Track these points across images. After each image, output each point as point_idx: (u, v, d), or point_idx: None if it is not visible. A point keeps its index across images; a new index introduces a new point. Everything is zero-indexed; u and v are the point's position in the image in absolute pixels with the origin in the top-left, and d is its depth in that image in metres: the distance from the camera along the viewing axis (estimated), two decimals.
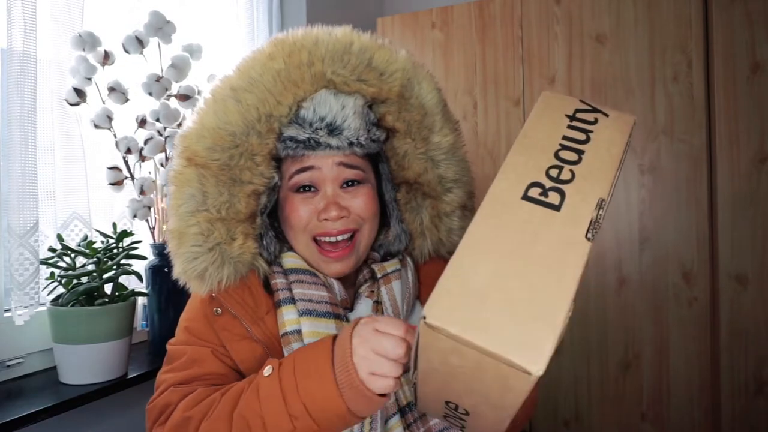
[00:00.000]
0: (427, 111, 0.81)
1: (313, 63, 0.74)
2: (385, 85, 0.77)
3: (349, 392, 0.60)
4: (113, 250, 1.19)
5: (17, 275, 1.05)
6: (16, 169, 1.06)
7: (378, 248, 0.88)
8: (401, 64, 0.78)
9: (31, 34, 1.08)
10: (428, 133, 0.81)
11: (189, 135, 0.75)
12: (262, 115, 0.73)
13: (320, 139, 0.76)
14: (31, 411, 0.99)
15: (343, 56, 0.75)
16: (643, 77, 1.66)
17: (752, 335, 1.55)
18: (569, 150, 0.58)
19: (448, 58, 1.90)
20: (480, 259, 0.51)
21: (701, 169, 1.61)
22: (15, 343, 1.15)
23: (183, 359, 0.76)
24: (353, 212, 0.78)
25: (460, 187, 0.84)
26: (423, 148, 0.81)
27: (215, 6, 1.66)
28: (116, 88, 1.26)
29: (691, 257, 1.61)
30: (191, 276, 0.75)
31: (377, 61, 0.76)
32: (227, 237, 0.75)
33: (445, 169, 0.82)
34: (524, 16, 1.80)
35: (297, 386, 0.62)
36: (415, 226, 0.86)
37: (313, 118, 0.75)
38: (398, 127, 0.80)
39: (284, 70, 0.73)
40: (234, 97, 0.73)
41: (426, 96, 0.81)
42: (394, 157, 0.83)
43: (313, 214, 0.78)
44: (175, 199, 0.75)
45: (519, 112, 1.81)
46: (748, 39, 1.54)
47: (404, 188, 0.86)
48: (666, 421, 1.64)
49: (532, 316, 0.47)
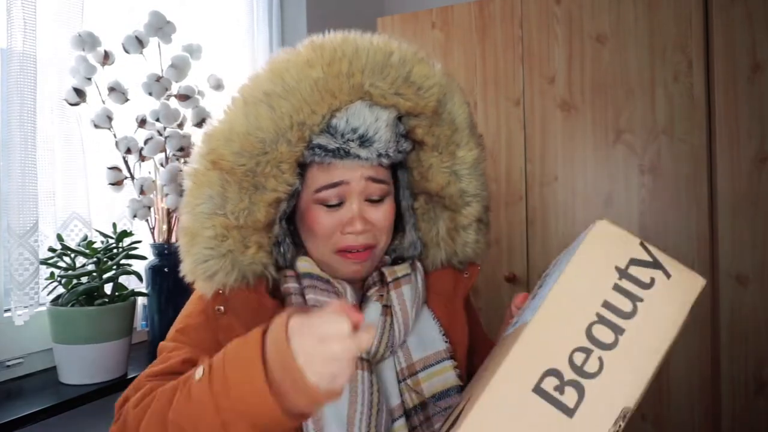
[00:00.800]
0: (458, 127, 0.80)
1: (353, 74, 0.72)
2: (422, 101, 0.76)
3: (291, 394, 0.52)
4: (113, 250, 1.18)
5: (17, 275, 1.05)
6: (16, 169, 1.06)
7: (390, 252, 0.87)
8: (438, 79, 0.77)
9: (31, 34, 1.08)
10: (455, 148, 0.81)
11: (216, 136, 0.72)
12: (295, 124, 0.71)
13: (350, 150, 0.74)
14: (31, 411, 0.99)
15: (383, 69, 0.73)
16: (643, 77, 1.66)
17: (752, 335, 1.55)
18: (607, 325, 0.48)
19: (448, 58, 1.90)
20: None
21: (701, 169, 1.60)
22: (15, 343, 1.14)
23: (157, 360, 0.74)
24: (375, 226, 0.78)
25: (478, 202, 0.84)
26: (448, 162, 0.81)
27: (215, 6, 1.66)
28: (116, 88, 1.26)
29: (691, 257, 1.61)
30: (199, 276, 0.74)
31: (416, 75, 0.75)
32: (241, 245, 0.73)
33: (467, 183, 0.82)
34: (524, 16, 1.80)
35: (228, 391, 0.54)
36: (431, 236, 0.86)
37: (346, 128, 0.74)
38: (427, 141, 0.80)
39: (322, 80, 0.71)
40: (267, 102, 0.71)
41: (457, 111, 0.80)
42: (418, 168, 0.83)
43: (338, 226, 0.77)
44: (192, 197, 0.73)
45: (519, 112, 1.81)
46: (748, 39, 1.54)
47: (423, 198, 0.86)
48: (666, 421, 1.64)
49: None
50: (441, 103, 0.78)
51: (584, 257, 0.51)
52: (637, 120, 1.67)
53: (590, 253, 0.51)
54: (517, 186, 1.82)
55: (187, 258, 0.74)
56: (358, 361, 0.73)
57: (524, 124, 1.81)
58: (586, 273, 0.50)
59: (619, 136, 1.69)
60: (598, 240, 0.52)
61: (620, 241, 0.53)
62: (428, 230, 0.86)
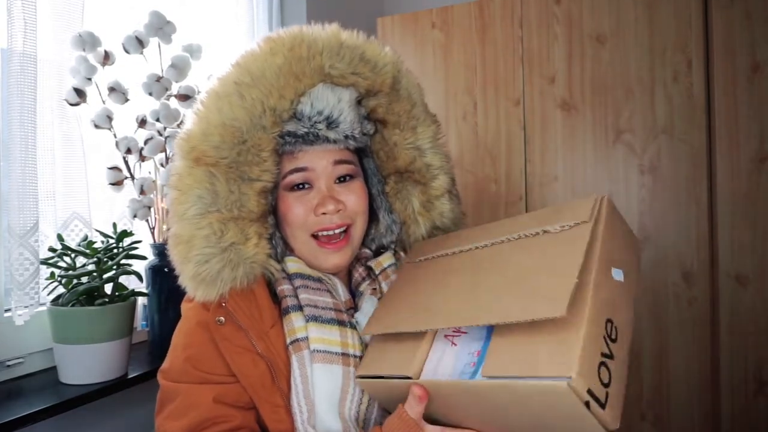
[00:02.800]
0: (415, 102, 0.85)
1: (313, 57, 0.75)
2: (379, 78, 0.80)
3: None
4: (113, 250, 1.18)
5: (17, 275, 1.05)
6: (16, 169, 1.06)
7: (370, 242, 0.90)
8: (390, 57, 0.82)
9: (31, 34, 1.08)
10: (416, 123, 0.85)
11: (193, 135, 0.74)
12: (267, 109, 0.74)
13: (319, 133, 0.77)
14: (31, 411, 0.99)
15: (339, 50, 0.77)
16: (643, 77, 1.66)
17: (752, 335, 1.55)
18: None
19: (448, 58, 1.90)
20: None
21: (701, 169, 1.61)
22: (15, 343, 1.14)
23: (177, 403, 0.73)
24: (348, 207, 0.80)
25: (445, 174, 0.88)
26: (411, 138, 0.85)
27: (215, 6, 1.66)
28: (116, 88, 1.26)
29: (691, 257, 1.61)
30: (205, 279, 0.72)
31: (369, 54, 0.79)
32: (241, 237, 0.74)
33: (431, 157, 0.86)
34: (524, 16, 1.80)
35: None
36: (408, 213, 0.89)
37: (311, 112, 0.77)
38: (388, 119, 0.84)
39: (286, 64, 0.74)
40: (237, 92, 0.74)
41: (412, 88, 0.85)
42: (383, 148, 0.86)
43: (310, 210, 0.79)
44: (179, 204, 0.73)
45: (519, 112, 1.81)
46: (748, 39, 1.54)
47: (393, 179, 0.89)
48: (666, 421, 1.64)
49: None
50: (396, 80, 0.82)
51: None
52: (637, 120, 1.67)
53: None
54: (517, 186, 1.82)
55: (186, 266, 0.73)
56: (350, 358, 0.74)
57: (524, 124, 1.81)
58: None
59: (618, 136, 1.69)
60: None
61: None
62: (404, 209, 0.89)
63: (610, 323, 0.56)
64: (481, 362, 0.58)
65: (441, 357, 0.64)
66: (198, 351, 0.75)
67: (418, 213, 0.88)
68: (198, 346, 0.75)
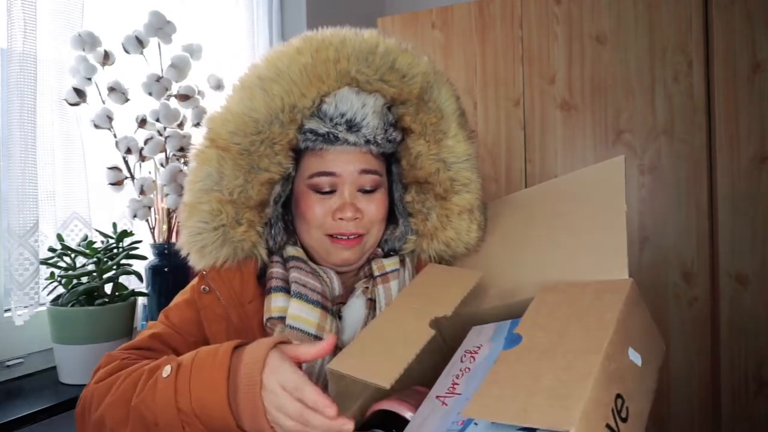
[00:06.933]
0: (444, 115, 0.83)
1: (339, 60, 0.77)
2: (406, 87, 0.80)
3: (246, 414, 0.59)
4: (113, 250, 1.18)
5: (17, 275, 1.05)
6: (16, 169, 1.06)
7: (383, 244, 0.90)
8: (423, 68, 0.81)
9: (31, 34, 1.08)
10: (442, 137, 0.83)
11: (215, 118, 0.78)
12: (286, 105, 0.76)
13: (339, 134, 0.78)
14: (31, 411, 0.99)
15: (368, 56, 0.78)
16: (643, 77, 1.66)
17: (752, 335, 1.55)
18: None
19: (448, 58, 1.90)
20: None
21: (701, 169, 1.61)
22: (15, 343, 1.14)
23: (143, 330, 0.81)
24: (366, 216, 0.81)
25: (469, 192, 0.85)
26: (435, 150, 0.84)
27: (215, 6, 1.66)
28: (116, 88, 1.26)
29: (691, 257, 1.61)
30: (192, 249, 0.79)
31: (400, 63, 0.79)
32: (233, 221, 0.78)
33: (455, 172, 0.84)
34: (524, 16, 1.80)
35: (190, 395, 0.61)
36: (424, 227, 0.87)
37: (334, 113, 0.78)
38: (414, 128, 0.83)
39: (311, 65, 0.76)
40: (261, 86, 0.76)
41: (444, 102, 0.84)
42: (407, 156, 0.85)
43: (329, 213, 0.81)
44: (193, 175, 0.79)
45: (519, 112, 1.81)
46: (748, 39, 1.54)
47: (414, 189, 0.88)
48: (666, 421, 1.64)
49: None
50: (425, 91, 0.82)
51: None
52: (637, 120, 1.67)
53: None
54: (517, 186, 1.81)
55: (183, 231, 0.80)
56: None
57: (524, 124, 1.81)
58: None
59: (618, 136, 1.69)
60: None
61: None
62: (421, 221, 0.88)
63: (620, 399, 0.50)
64: (469, 423, 0.55)
65: (428, 416, 0.61)
66: (178, 309, 0.84)
67: (435, 227, 0.86)
68: (182, 307, 0.84)
